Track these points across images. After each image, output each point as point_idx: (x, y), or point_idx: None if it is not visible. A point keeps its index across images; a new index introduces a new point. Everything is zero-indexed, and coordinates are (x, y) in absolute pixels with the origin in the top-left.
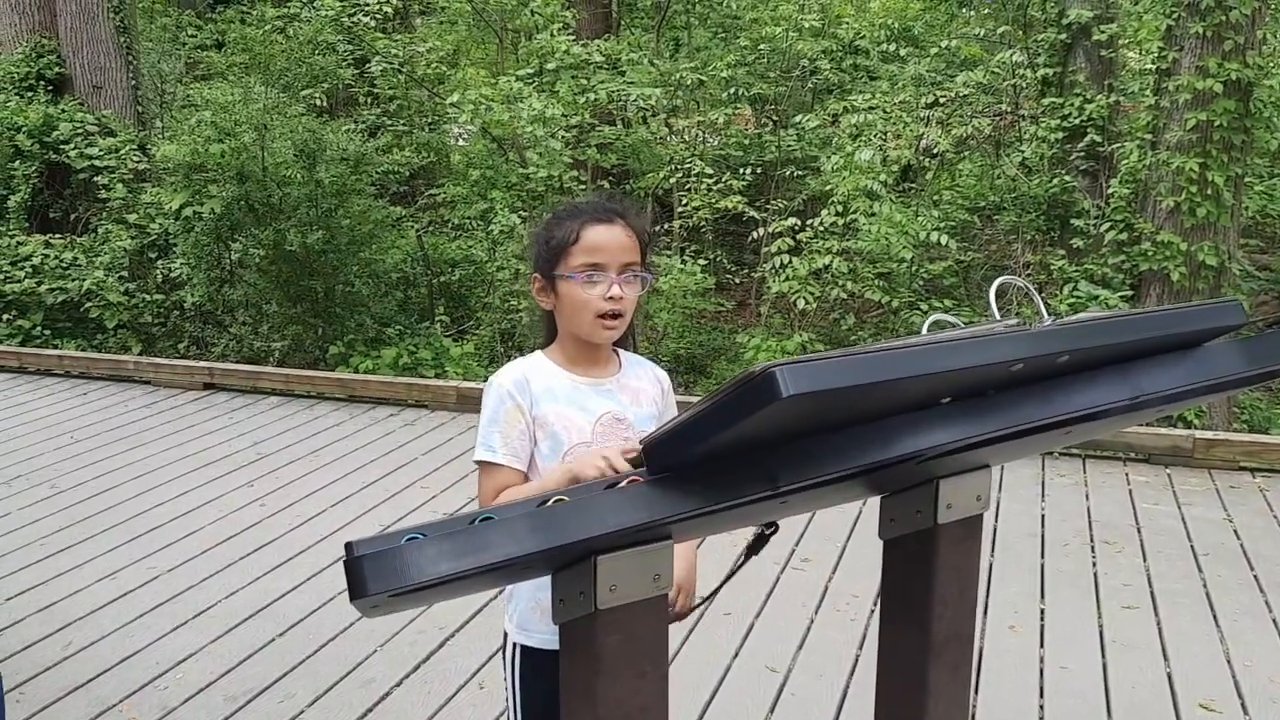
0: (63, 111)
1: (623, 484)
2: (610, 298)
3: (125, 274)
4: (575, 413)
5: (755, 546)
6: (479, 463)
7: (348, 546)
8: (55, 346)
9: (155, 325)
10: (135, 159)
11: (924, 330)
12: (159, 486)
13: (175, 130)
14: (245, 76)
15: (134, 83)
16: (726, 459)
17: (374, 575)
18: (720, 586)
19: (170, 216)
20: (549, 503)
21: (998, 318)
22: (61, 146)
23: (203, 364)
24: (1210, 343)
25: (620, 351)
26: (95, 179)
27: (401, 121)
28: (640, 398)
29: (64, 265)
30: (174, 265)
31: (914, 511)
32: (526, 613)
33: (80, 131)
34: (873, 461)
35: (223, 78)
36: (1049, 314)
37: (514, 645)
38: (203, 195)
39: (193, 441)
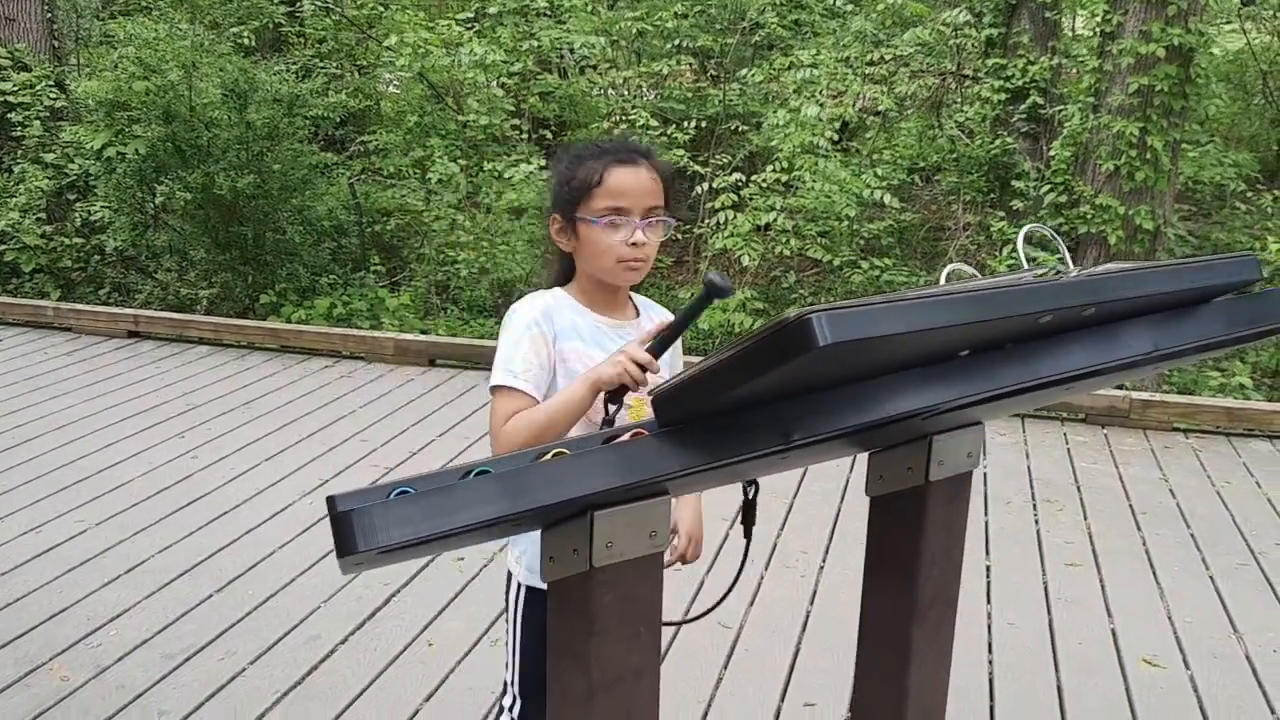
0: None
1: (625, 436)
2: (634, 243)
3: (43, 216)
4: (597, 353)
5: (749, 516)
6: (496, 387)
7: (330, 501)
8: None
9: (75, 270)
10: (52, 95)
11: (942, 280)
12: (84, 438)
13: (96, 66)
14: (170, 11)
15: (49, 15)
16: (737, 411)
17: (363, 532)
18: (736, 580)
19: (91, 157)
20: (548, 456)
21: (1026, 266)
22: None
23: (127, 310)
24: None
25: (633, 295)
26: (8, 116)
27: (334, 64)
28: None
29: None
30: (94, 208)
31: (905, 468)
32: (538, 555)
33: None
34: (890, 415)
35: (145, 13)
36: (1073, 264)
37: (519, 585)
38: (126, 135)
39: (118, 391)
